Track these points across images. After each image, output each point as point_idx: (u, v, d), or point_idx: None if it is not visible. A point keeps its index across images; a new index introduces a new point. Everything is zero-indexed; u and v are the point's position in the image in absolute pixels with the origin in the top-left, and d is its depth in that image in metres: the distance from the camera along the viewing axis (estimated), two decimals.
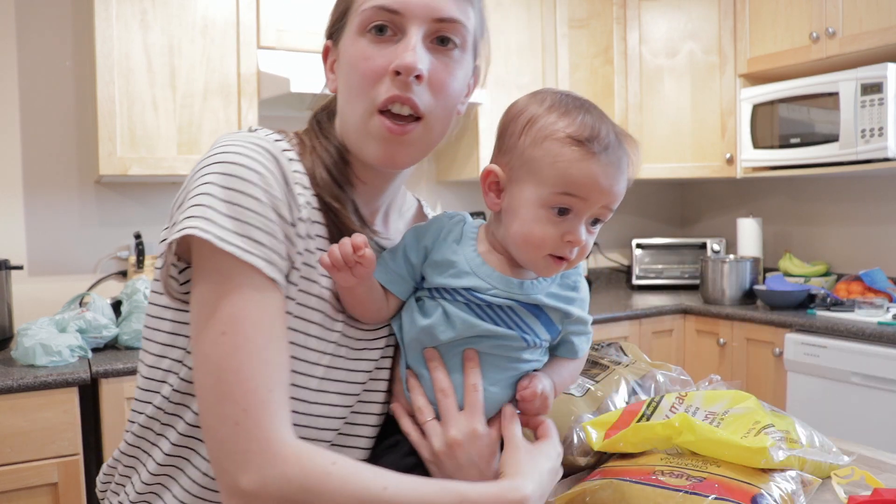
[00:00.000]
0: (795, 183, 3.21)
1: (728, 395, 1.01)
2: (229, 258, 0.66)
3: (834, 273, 3.00)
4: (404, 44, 0.73)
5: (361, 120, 0.75)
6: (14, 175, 2.31)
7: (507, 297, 0.77)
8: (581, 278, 0.84)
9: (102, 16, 2.08)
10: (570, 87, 2.97)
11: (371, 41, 0.74)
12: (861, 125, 2.49)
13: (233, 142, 0.70)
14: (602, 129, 0.73)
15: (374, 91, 0.73)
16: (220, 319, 0.66)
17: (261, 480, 0.63)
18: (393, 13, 0.73)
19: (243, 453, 0.63)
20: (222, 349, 0.65)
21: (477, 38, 0.81)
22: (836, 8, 2.59)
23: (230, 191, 0.66)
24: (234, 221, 0.66)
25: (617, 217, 3.63)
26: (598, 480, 0.89)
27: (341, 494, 0.63)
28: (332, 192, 0.76)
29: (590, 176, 0.72)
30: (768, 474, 0.86)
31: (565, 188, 0.73)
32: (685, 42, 3.10)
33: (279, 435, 0.64)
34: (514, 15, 2.84)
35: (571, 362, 0.87)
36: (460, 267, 0.77)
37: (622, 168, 0.74)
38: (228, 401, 0.64)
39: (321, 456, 0.65)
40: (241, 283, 0.66)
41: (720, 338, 2.77)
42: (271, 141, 0.73)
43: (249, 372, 0.65)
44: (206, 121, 2.22)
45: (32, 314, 2.27)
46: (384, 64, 0.73)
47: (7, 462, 1.72)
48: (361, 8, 0.75)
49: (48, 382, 1.75)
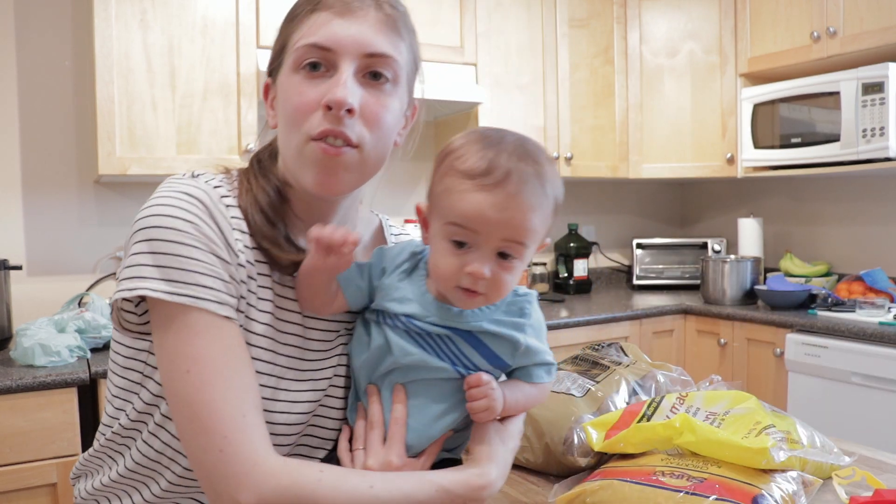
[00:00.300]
0: (796, 183, 3.21)
1: (729, 395, 1.01)
2: (181, 307, 0.71)
3: (835, 273, 2.99)
4: (335, 79, 0.76)
5: (297, 149, 0.78)
6: (13, 175, 2.30)
7: (443, 326, 0.78)
8: (530, 305, 0.83)
9: (102, 16, 2.08)
10: (570, 87, 2.97)
11: (305, 77, 0.77)
12: (862, 125, 2.49)
13: (167, 194, 0.74)
14: (501, 164, 0.73)
15: (308, 124, 0.76)
16: (184, 359, 0.71)
17: (258, 497, 0.69)
18: (325, 50, 0.76)
19: (235, 476, 0.69)
20: (191, 386, 0.71)
21: (410, 73, 0.85)
22: (837, 7, 2.59)
23: (166, 243, 0.71)
24: (176, 272, 0.71)
25: (617, 217, 3.63)
26: (599, 481, 0.88)
27: (334, 498, 0.70)
28: (264, 232, 0.79)
29: (477, 209, 0.73)
30: (769, 475, 0.85)
31: (455, 220, 0.74)
32: (685, 42, 3.10)
33: (263, 453, 0.71)
34: (514, 15, 2.84)
35: (527, 385, 0.84)
36: (404, 293, 0.80)
37: (522, 202, 0.73)
38: (208, 432, 0.70)
39: (308, 466, 0.72)
40: (197, 326, 0.71)
41: (721, 338, 2.77)
42: (210, 188, 0.77)
43: (221, 402, 0.70)
44: (206, 121, 2.22)
45: (31, 314, 2.27)
46: (317, 98, 0.76)
47: (6, 462, 1.72)
48: (295, 46, 0.78)
49: (47, 383, 1.75)
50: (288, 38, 0.80)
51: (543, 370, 0.85)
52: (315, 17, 0.77)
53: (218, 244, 0.74)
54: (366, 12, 0.78)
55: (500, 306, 0.81)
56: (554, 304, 2.97)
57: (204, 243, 0.73)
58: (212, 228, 0.74)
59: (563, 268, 3.28)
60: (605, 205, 3.61)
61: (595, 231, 3.55)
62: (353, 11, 0.77)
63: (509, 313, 0.81)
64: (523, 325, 0.81)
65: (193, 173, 0.80)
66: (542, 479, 1.05)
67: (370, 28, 0.77)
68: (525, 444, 1.07)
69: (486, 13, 2.76)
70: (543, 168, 0.76)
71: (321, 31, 0.76)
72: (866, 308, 2.44)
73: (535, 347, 0.82)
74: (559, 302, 3.01)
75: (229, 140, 2.26)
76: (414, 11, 2.83)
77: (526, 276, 3.15)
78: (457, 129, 2.89)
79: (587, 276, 3.30)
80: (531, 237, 0.76)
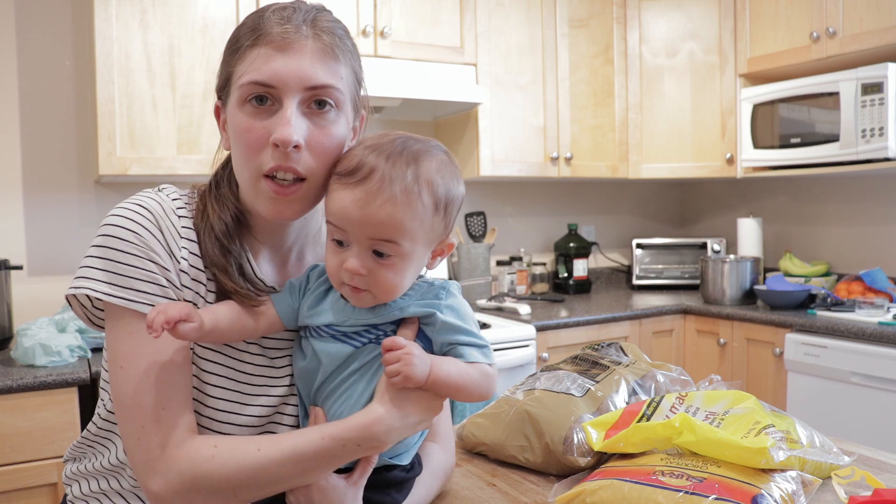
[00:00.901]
0: (796, 183, 3.21)
1: (728, 395, 1.01)
2: (118, 308, 0.79)
3: (834, 273, 3.00)
4: (280, 116, 0.79)
5: (250, 183, 0.83)
6: (14, 175, 2.31)
7: (363, 325, 0.82)
8: (445, 291, 0.84)
9: (102, 16, 2.08)
10: (570, 87, 2.98)
11: (250, 113, 0.81)
12: (861, 125, 2.49)
13: (125, 205, 0.82)
14: (368, 162, 0.76)
15: (258, 160, 0.81)
16: (118, 357, 0.79)
17: (164, 483, 0.76)
18: (267, 87, 0.79)
19: (146, 462, 0.77)
20: (121, 380, 0.79)
21: (353, 91, 0.87)
22: (837, 8, 2.59)
23: (112, 250, 0.79)
24: (114, 276, 0.79)
25: (617, 217, 3.64)
26: (599, 481, 0.88)
27: (226, 468, 0.76)
28: (214, 260, 0.84)
29: (340, 206, 0.77)
30: (769, 474, 0.85)
31: (329, 218, 0.79)
32: (685, 42, 3.10)
33: (172, 443, 0.77)
34: (514, 15, 2.84)
35: (461, 362, 0.81)
36: (321, 307, 0.84)
37: (383, 199, 0.75)
38: (130, 422, 0.78)
39: (205, 444, 0.78)
40: (129, 326, 0.79)
41: (720, 338, 2.77)
42: (168, 199, 0.84)
43: (143, 396, 0.78)
44: (206, 121, 2.22)
45: (32, 314, 2.27)
46: (264, 135, 0.80)
47: (7, 462, 1.72)
48: (240, 82, 0.81)
49: (48, 383, 1.75)
50: (232, 70, 0.83)
51: (476, 350, 0.82)
52: (256, 52, 0.80)
53: (157, 252, 0.80)
54: (303, 44, 0.80)
55: (414, 296, 0.83)
56: (554, 304, 2.97)
57: (143, 252, 0.80)
58: (155, 237, 0.81)
59: (562, 268, 3.28)
60: (604, 205, 3.61)
61: (595, 231, 3.56)
62: (292, 45, 0.79)
63: (424, 299, 0.83)
64: (438, 305, 0.82)
65: (160, 188, 0.87)
66: (542, 479, 1.05)
67: (309, 61, 0.80)
68: (525, 444, 1.08)
69: (486, 13, 2.76)
70: (421, 166, 0.78)
71: (263, 68, 0.79)
72: (866, 308, 2.45)
73: (454, 324, 0.82)
74: (559, 302, 3.01)
75: None
76: (414, 11, 2.83)
77: (525, 276, 3.15)
78: (457, 129, 2.89)
79: (587, 276, 3.30)
80: (401, 235, 0.77)
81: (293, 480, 0.78)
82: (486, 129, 2.78)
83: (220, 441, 0.79)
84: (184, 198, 0.87)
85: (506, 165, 2.82)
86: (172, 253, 0.82)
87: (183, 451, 0.77)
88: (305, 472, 0.78)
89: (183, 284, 0.82)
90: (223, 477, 0.76)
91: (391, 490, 0.87)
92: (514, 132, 2.86)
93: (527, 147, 2.89)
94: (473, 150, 2.78)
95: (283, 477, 0.77)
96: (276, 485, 0.78)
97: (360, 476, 0.82)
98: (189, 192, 0.89)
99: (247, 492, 0.77)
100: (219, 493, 0.76)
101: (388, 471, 0.86)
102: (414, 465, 0.90)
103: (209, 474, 0.76)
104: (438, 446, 0.98)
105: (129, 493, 0.87)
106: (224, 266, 0.84)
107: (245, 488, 0.77)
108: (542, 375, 1.17)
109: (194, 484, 0.76)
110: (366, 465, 0.82)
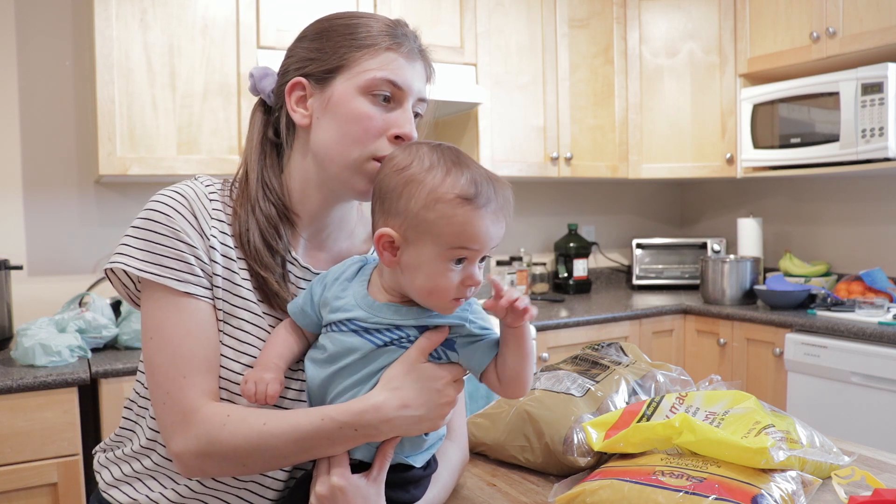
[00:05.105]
0: (796, 183, 3.21)
1: (728, 395, 1.01)
2: (149, 283, 0.87)
3: (834, 273, 3.00)
4: (403, 114, 0.91)
5: (356, 162, 0.90)
6: (14, 175, 2.31)
7: (389, 323, 0.84)
8: (469, 303, 0.87)
9: (102, 16, 2.08)
10: (570, 87, 2.98)
11: (372, 103, 0.90)
12: (861, 125, 2.49)
13: (163, 192, 0.90)
14: (482, 183, 0.82)
15: (374, 145, 0.90)
16: (149, 328, 0.87)
17: (183, 444, 0.83)
18: (398, 88, 0.90)
19: (170, 425, 0.84)
20: (151, 349, 0.86)
21: None
22: (837, 7, 2.59)
23: (146, 231, 0.87)
24: (148, 254, 0.86)
25: (617, 217, 3.64)
26: (599, 481, 0.88)
27: (235, 436, 0.81)
28: (261, 259, 0.90)
29: (481, 229, 0.81)
30: (769, 474, 0.85)
31: (462, 243, 0.80)
32: (685, 42, 3.10)
33: (192, 407, 0.83)
34: (514, 15, 2.84)
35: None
36: (347, 301, 0.86)
37: (504, 212, 0.84)
38: (157, 387, 0.85)
39: (219, 412, 0.83)
40: (159, 300, 0.87)
41: (720, 338, 2.77)
42: (202, 186, 0.92)
43: (169, 364, 0.85)
44: (206, 121, 2.22)
45: (32, 314, 2.27)
46: (383, 125, 0.90)
47: (7, 462, 1.72)
48: (368, 75, 0.89)
49: (48, 383, 1.75)
50: (351, 57, 0.91)
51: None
52: (389, 55, 0.90)
53: (187, 232, 0.87)
54: (420, 62, 0.94)
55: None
56: (554, 304, 2.98)
57: (174, 232, 0.87)
58: (186, 219, 0.88)
59: (562, 268, 3.28)
60: (604, 205, 3.61)
61: (595, 231, 3.56)
62: (414, 60, 0.93)
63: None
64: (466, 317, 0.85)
65: (196, 177, 0.94)
66: (542, 479, 1.05)
67: (422, 77, 0.94)
68: (525, 444, 1.08)
69: (486, 13, 2.76)
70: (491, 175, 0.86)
71: (399, 71, 0.90)
72: (865, 308, 2.45)
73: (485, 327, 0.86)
74: (559, 302, 3.01)
75: (230, 140, 2.26)
76: (414, 11, 2.83)
77: (525, 276, 3.15)
78: (457, 129, 2.89)
79: (587, 276, 3.30)
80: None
81: (296, 456, 0.82)
82: (486, 129, 2.78)
83: (233, 411, 0.84)
84: (217, 184, 0.94)
85: (506, 165, 2.82)
86: (203, 232, 0.89)
87: (199, 417, 0.83)
88: (306, 451, 0.82)
89: (212, 259, 0.89)
90: (232, 446, 0.81)
91: (409, 487, 0.89)
92: (514, 132, 2.86)
93: (527, 147, 2.89)
94: (473, 150, 2.78)
95: (286, 453, 0.82)
96: (279, 459, 0.83)
97: (378, 472, 0.84)
98: (223, 180, 0.97)
99: (253, 463, 0.82)
100: (228, 460, 0.82)
101: (407, 469, 0.88)
102: (430, 462, 0.91)
103: (220, 441, 0.81)
104: (454, 443, 1.01)
105: (156, 471, 0.92)
106: (270, 265, 0.91)
107: (251, 459, 0.82)
108: (543, 375, 1.17)
109: (208, 448, 0.82)
110: (382, 461, 0.84)
